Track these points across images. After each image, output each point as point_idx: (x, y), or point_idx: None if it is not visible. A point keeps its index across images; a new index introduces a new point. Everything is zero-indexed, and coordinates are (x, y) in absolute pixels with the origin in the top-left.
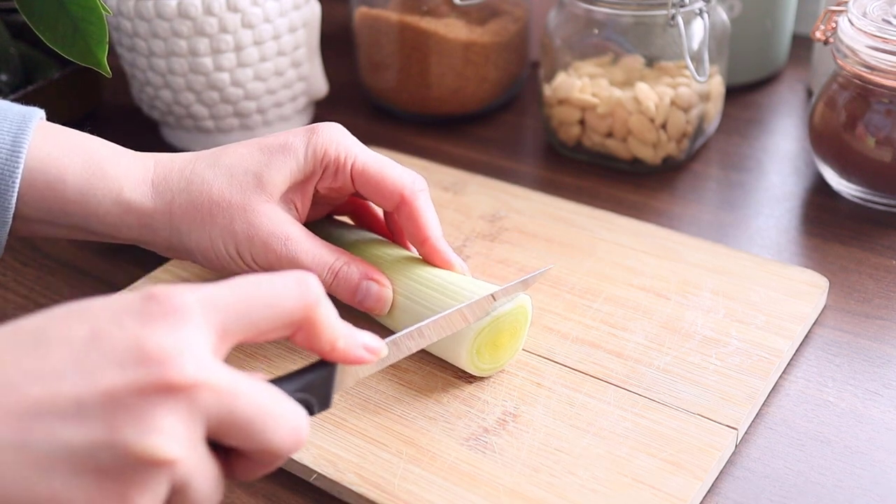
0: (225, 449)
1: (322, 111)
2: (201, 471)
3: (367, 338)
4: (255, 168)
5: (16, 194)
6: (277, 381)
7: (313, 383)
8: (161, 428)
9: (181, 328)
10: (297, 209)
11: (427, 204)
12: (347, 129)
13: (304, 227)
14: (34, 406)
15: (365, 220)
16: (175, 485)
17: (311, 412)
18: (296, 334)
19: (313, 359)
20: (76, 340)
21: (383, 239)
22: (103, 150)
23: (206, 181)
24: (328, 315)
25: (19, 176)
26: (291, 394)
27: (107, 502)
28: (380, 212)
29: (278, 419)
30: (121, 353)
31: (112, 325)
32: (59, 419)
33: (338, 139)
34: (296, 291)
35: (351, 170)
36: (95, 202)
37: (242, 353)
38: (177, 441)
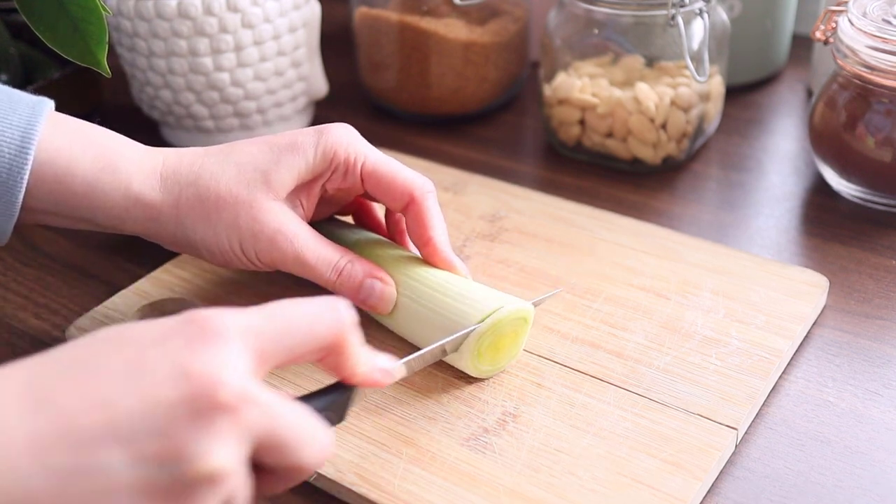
0: (253, 466)
1: (322, 111)
2: (243, 486)
3: (383, 361)
4: (264, 166)
5: (24, 187)
6: (304, 399)
7: (335, 402)
8: (216, 445)
9: (222, 350)
10: (302, 207)
11: (435, 206)
12: None
13: (308, 226)
14: (89, 433)
15: (366, 221)
16: (223, 501)
17: (331, 424)
18: (323, 358)
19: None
20: (121, 367)
21: (385, 240)
22: (113, 143)
23: (213, 176)
24: (355, 342)
25: (28, 169)
26: (316, 412)
27: None
28: (381, 214)
29: (312, 439)
30: (168, 375)
31: (155, 350)
32: (114, 444)
33: (348, 140)
34: (329, 318)
35: (361, 171)
36: (103, 195)
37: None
38: (230, 458)
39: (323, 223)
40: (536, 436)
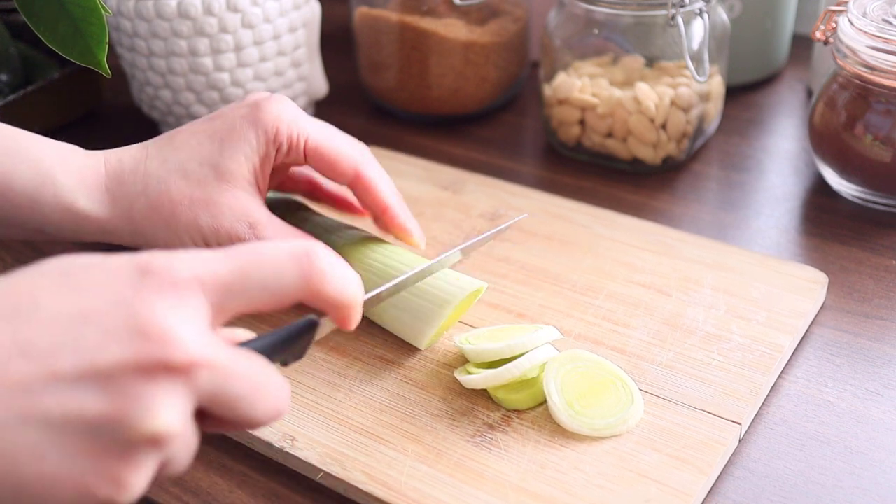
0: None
1: (322, 111)
2: (188, 443)
3: (355, 285)
4: (211, 159)
5: None
6: (260, 339)
7: (294, 341)
8: (162, 407)
9: (179, 304)
10: (259, 188)
11: (379, 172)
12: (347, 129)
13: (268, 211)
14: (28, 383)
15: (319, 197)
16: (164, 461)
17: (286, 365)
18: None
19: None
20: (70, 315)
21: (345, 223)
22: (51, 156)
23: (161, 181)
24: (329, 288)
25: None
26: (273, 353)
27: (99, 483)
28: (332, 187)
29: (266, 395)
30: (119, 330)
31: (107, 300)
32: (55, 396)
33: (287, 117)
34: (297, 273)
35: (304, 148)
36: (49, 210)
37: None
38: (175, 419)
39: (282, 210)
40: (541, 432)
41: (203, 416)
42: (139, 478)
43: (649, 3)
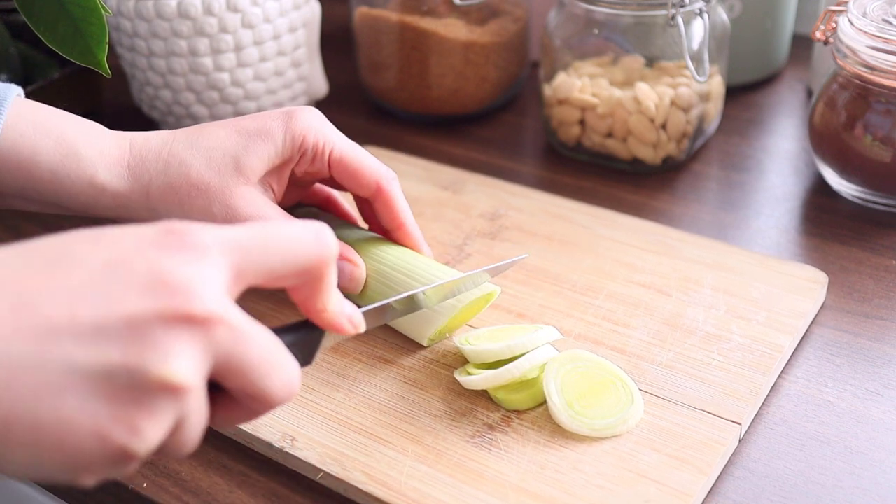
0: (214, 396)
1: (322, 111)
2: (200, 409)
3: (350, 309)
4: (234, 151)
5: None
6: (273, 331)
7: (303, 340)
8: (179, 355)
9: (200, 263)
10: (273, 191)
11: (399, 192)
12: (347, 129)
13: (280, 209)
14: (53, 325)
15: (333, 212)
16: (177, 418)
17: None
18: (297, 287)
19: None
20: (96, 264)
21: (355, 226)
22: (77, 130)
23: (183, 163)
24: (332, 277)
25: None
26: (285, 345)
27: (114, 427)
28: (346, 206)
29: (279, 368)
30: (142, 280)
31: (133, 253)
32: (76, 340)
33: (316, 126)
34: (314, 243)
35: (329, 158)
36: (69, 183)
37: None
38: (192, 371)
39: (298, 213)
40: (541, 432)
41: (214, 397)
42: (154, 427)
43: (649, 3)
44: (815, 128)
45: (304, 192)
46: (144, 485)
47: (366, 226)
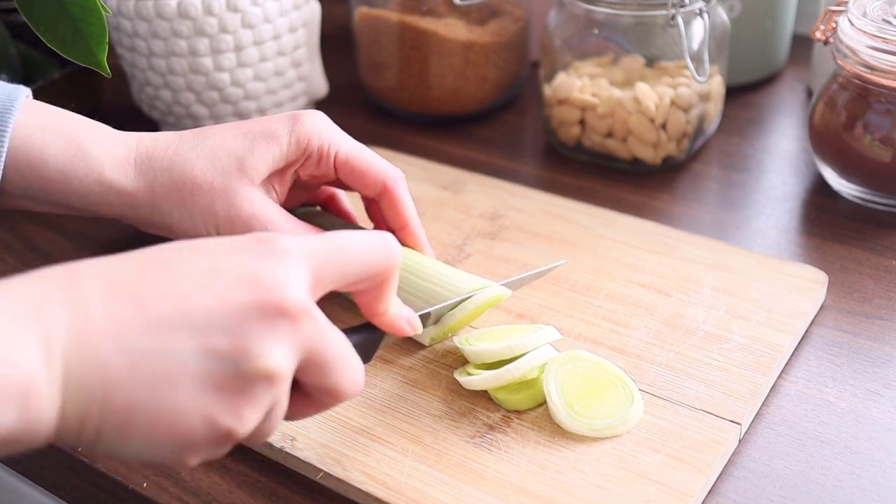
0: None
1: (322, 111)
2: (286, 398)
3: (408, 312)
4: (239, 152)
5: None
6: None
7: (366, 341)
8: (277, 348)
9: (289, 267)
10: (276, 193)
11: (406, 192)
12: (347, 129)
13: (283, 210)
14: (165, 320)
15: (335, 211)
16: (271, 405)
17: None
18: (363, 291)
19: None
20: (198, 268)
21: (355, 226)
22: (86, 130)
23: (188, 162)
24: (395, 282)
25: (3, 155)
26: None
27: (222, 415)
28: (349, 205)
29: (350, 366)
30: (240, 279)
31: (227, 258)
32: (186, 333)
33: (321, 129)
34: (383, 251)
35: (335, 160)
36: (77, 181)
37: None
38: (286, 362)
39: (302, 214)
40: (541, 433)
41: (294, 391)
42: (254, 413)
43: (649, 3)
44: (815, 128)
45: (309, 194)
46: (144, 485)
47: (369, 225)
